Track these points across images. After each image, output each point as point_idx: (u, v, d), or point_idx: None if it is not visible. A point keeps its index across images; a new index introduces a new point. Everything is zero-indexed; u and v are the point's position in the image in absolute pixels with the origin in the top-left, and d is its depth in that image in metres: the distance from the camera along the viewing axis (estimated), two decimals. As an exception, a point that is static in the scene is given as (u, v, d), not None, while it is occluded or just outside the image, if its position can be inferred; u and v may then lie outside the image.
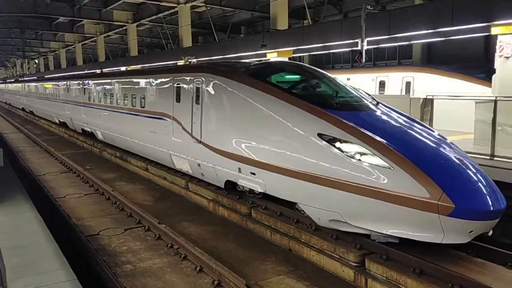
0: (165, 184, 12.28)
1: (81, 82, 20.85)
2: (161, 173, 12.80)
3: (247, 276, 6.45)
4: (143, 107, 13.21)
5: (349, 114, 7.34)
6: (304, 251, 7.34)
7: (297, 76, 9.27)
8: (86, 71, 35.07)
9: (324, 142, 6.91)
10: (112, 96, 16.18)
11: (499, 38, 11.84)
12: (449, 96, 13.50)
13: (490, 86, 12.88)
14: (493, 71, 12.60)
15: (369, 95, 9.04)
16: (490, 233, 6.18)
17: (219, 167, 9.42)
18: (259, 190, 8.49)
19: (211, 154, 9.52)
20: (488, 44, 21.53)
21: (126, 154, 15.67)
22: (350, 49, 16.71)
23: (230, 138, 8.85)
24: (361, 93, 8.92)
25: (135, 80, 14.37)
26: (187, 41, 30.17)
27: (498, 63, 12.22)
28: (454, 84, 16.83)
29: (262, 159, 8.03)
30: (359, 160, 6.50)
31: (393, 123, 7.49)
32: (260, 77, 8.78)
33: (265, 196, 8.81)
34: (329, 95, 8.41)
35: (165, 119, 11.63)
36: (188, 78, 10.66)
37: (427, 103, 13.08)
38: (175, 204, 10.60)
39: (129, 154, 15.42)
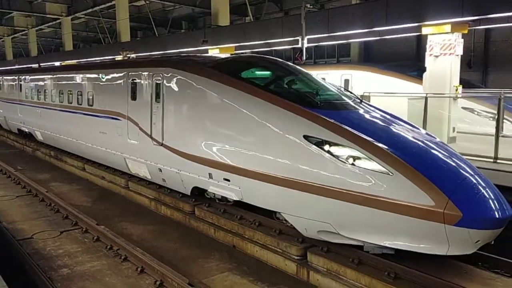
0: (103, 184, 11.86)
1: (16, 77, 19.26)
2: (99, 173, 12.35)
3: (190, 275, 6.38)
4: (91, 106, 12.05)
5: (335, 113, 6.69)
6: (248, 247, 7.36)
7: (269, 72, 8.33)
8: (24, 66, 32.92)
9: (312, 146, 6.23)
10: (55, 93, 14.70)
11: (429, 38, 12.47)
12: (384, 93, 14.07)
13: (422, 84, 13.53)
14: (424, 69, 13.26)
15: (350, 92, 8.58)
16: (492, 242, 5.60)
17: (185, 173, 8.56)
18: (234, 198, 7.64)
19: (175, 158, 8.63)
20: (420, 44, 22.70)
21: (61, 153, 14.98)
22: (291, 46, 16.97)
23: (198, 140, 8.02)
24: (341, 90, 8.31)
25: (82, 75, 13.01)
26: (125, 36, 29.30)
27: (428, 61, 12.86)
28: (389, 81, 17.55)
29: (238, 163, 7.24)
30: (353, 164, 5.86)
31: (386, 124, 6.81)
32: (231, 72, 7.99)
33: (238, 204, 8.10)
34: (309, 92, 7.62)
35: (118, 119, 10.59)
36: (145, 73, 9.66)
37: (364, 99, 13.53)
38: (114, 204, 10.27)
39: (65, 153, 14.75)
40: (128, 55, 18.95)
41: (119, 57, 20.83)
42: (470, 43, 21.24)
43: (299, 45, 14.29)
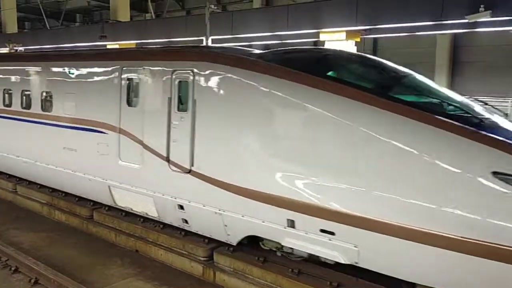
0: (-14, 189, 10.69)
1: None
2: (-19, 176, 11.09)
3: (90, 283, 6.05)
4: (49, 112, 8.94)
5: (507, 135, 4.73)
6: (152, 251, 7.15)
7: (375, 72, 6.11)
8: None
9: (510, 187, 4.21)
10: None
11: (326, 44, 13.20)
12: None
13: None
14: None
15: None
16: None
17: (233, 215, 6.11)
18: (341, 261, 5.33)
19: (216, 192, 6.20)
20: (317, 49, 23.85)
21: None
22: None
23: (269, 169, 5.66)
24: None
25: (36, 68, 9.63)
26: (11, 27, 26.85)
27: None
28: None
29: (356, 209, 4.98)
30: None
31: None
32: (316, 71, 5.68)
33: (311, 260, 6.02)
34: (441, 104, 5.47)
35: (101, 132, 7.75)
36: (157, 68, 7.04)
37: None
38: (0, 210, 9.38)
39: None
40: (15, 48, 17.41)
41: (5, 50, 18.81)
42: (361, 51, 22.86)
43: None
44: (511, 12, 9.46)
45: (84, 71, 8.38)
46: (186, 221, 6.88)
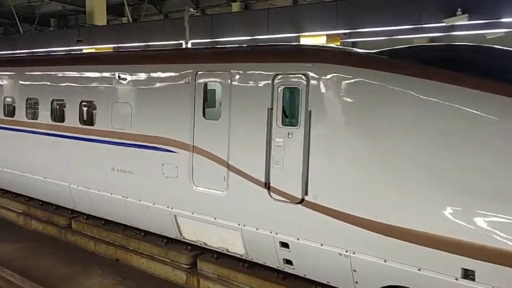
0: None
1: None
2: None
3: (70, 294, 5.86)
4: (90, 125, 7.65)
5: None
6: (133, 259, 7.00)
7: None
8: None
9: None
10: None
11: (306, 48, 13.23)
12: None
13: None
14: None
15: None
16: None
17: (373, 258, 4.90)
18: None
19: (345, 229, 5.01)
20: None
21: None
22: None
23: (440, 201, 4.43)
24: None
25: (77, 73, 7.98)
26: (-17, 31, 26.12)
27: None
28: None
29: None
30: None
31: None
32: (483, 72, 4.56)
33: None
34: None
35: (167, 150, 6.50)
36: (252, 72, 5.80)
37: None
38: (-27, 221, 9.06)
39: None
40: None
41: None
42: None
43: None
44: (488, 15, 9.64)
45: (141, 76, 6.94)
46: (289, 262, 5.62)
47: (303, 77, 5.25)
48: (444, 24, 10.06)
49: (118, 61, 7.66)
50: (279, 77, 5.49)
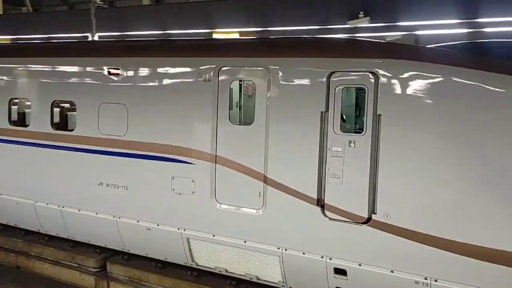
0: None
1: None
2: None
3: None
4: (69, 130, 6.48)
5: None
6: (35, 265, 6.57)
7: None
8: None
9: None
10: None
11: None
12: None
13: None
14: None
15: None
16: None
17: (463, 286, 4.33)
18: None
19: (425, 253, 4.39)
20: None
21: None
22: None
23: None
24: None
25: (61, 67, 6.40)
26: None
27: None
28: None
29: None
30: None
31: None
32: None
33: None
34: None
35: (178, 161, 5.47)
36: (297, 69, 4.93)
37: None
38: None
39: None
40: None
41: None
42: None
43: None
44: (388, 18, 10.36)
45: (143, 72, 5.73)
46: None
47: (370, 75, 4.50)
48: (348, 26, 10.64)
49: (108, 52, 6.29)
50: (336, 74, 4.65)
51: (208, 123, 5.24)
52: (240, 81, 5.62)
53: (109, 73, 5.86)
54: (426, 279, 4.36)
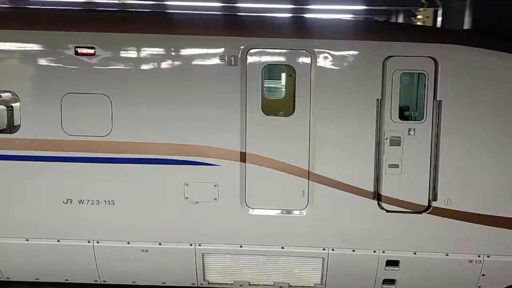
0: None
1: None
2: None
3: None
4: (9, 132, 5.48)
5: None
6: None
7: None
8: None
9: None
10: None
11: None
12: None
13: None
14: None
15: None
16: None
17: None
18: None
19: (479, 232, 5.06)
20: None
21: None
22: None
23: None
24: None
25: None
26: None
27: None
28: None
29: None
30: None
31: None
32: None
33: None
34: None
35: (195, 163, 5.00)
36: (347, 53, 4.95)
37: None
38: None
39: None
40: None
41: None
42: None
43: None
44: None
45: (132, 52, 5.03)
46: (390, 282, 5.32)
47: (430, 60, 4.85)
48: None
49: (76, 25, 5.08)
50: (393, 59, 4.89)
51: (235, 116, 4.95)
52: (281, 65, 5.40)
53: (77, 53, 4.83)
54: (479, 256, 5.02)
